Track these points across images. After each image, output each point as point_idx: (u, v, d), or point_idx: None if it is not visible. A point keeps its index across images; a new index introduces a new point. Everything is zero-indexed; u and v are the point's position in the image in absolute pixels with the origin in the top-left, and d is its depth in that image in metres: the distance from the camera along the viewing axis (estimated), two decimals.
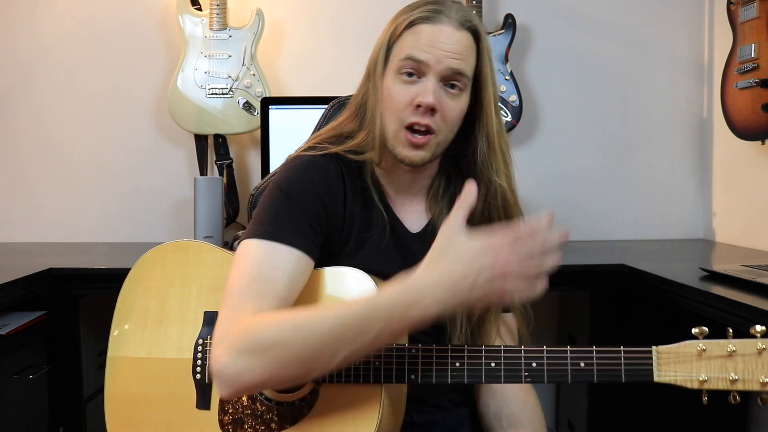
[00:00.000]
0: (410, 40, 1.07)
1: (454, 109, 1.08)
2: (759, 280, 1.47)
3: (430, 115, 1.06)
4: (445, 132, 1.09)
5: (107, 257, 2.10)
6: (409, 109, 1.06)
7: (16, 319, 1.69)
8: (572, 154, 2.43)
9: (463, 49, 1.06)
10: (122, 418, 1.13)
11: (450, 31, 1.06)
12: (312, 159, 1.12)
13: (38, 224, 2.37)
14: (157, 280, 1.16)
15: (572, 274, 1.82)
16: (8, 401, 1.65)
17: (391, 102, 1.08)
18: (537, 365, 0.95)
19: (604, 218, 2.43)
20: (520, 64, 2.39)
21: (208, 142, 2.30)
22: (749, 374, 0.86)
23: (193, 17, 2.23)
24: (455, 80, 1.07)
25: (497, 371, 0.95)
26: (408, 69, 1.06)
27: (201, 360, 1.10)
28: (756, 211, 2.15)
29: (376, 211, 1.13)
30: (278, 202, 1.08)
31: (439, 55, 1.05)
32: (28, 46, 2.36)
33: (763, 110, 1.92)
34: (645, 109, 2.44)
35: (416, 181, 1.18)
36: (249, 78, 2.22)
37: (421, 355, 0.97)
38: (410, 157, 1.08)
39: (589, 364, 0.93)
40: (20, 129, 2.37)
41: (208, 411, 1.08)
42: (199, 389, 1.09)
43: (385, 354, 0.97)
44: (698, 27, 2.42)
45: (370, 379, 0.98)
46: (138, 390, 1.12)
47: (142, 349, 1.14)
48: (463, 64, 1.06)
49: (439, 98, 1.06)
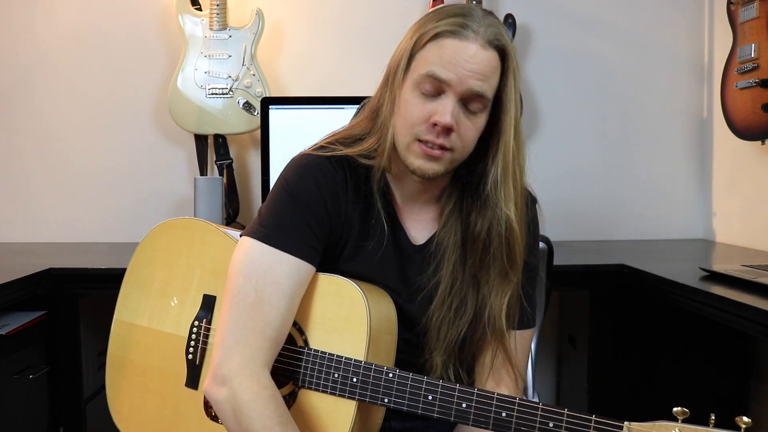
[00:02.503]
0: (434, 54, 1.03)
1: (470, 129, 1.05)
2: (759, 280, 1.47)
3: (445, 135, 1.03)
4: (460, 150, 1.05)
5: (107, 257, 2.10)
6: (425, 125, 1.03)
7: (16, 319, 1.69)
8: (572, 154, 2.43)
9: (487, 70, 1.02)
10: (120, 380, 1.19)
11: (476, 49, 1.01)
12: (319, 161, 1.11)
13: (38, 224, 2.37)
14: (164, 253, 1.20)
15: (572, 274, 1.82)
16: (8, 401, 1.65)
17: (406, 115, 1.05)
18: (506, 415, 0.95)
19: (604, 218, 2.42)
20: (520, 64, 2.37)
21: (208, 142, 2.30)
22: None
23: (193, 17, 2.23)
24: (475, 101, 1.03)
25: (467, 413, 0.97)
26: (427, 86, 1.03)
27: (194, 342, 1.13)
28: (756, 211, 2.15)
29: (377, 218, 1.12)
30: (283, 204, 1.08)
31: (461, 74, 1.01)
32: (28, 47, 2.36)
33: (763, 110, 1.92)
34: (645, 109, 2.44)
35: (426, 191, 1.15)
36: (249, 78, 2.22)
37: (397, 381, 1.00)
38: (423, 168, 1.05)
39: (558, 426, 0.93)
40: (20, 129, 2.37)
41: (195, 391, 1.12)
42: (189, 369, 1.13)
43: (363, 373, 1.00)
44: (698, 27, 2.42)
45: (345, 393, 1.00)
46: (136, 356, 1.18)
47: (144, 318, 1.19)
48: (485, 86, 1.02)
49: (457, 118, 1.02)
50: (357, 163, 1.11)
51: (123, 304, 1.22)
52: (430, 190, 1.15)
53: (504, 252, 1.07)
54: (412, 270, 1.11)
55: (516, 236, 1.08)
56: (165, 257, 1.20)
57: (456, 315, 1.09)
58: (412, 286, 1.12)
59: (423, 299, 1.11)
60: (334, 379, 1.01)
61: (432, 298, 1.10)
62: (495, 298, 1.09)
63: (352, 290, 1.04)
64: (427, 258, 1.10)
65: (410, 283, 1.12)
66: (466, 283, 1.10)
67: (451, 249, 1.11)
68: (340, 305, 1.04)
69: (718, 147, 2.36)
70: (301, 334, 1.06)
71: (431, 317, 1.09)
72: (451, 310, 1.09)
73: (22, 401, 1.72)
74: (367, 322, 1.01)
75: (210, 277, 1.16)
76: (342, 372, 1.00)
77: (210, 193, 2.12)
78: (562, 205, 2.39)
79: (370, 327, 1.01)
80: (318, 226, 1.07)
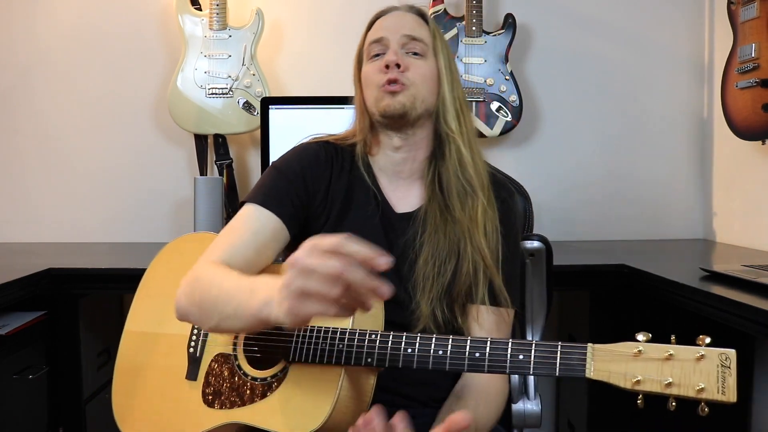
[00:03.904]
0: (371, 33, 1.27)
1: (420, 67, 1.22)
2: (759, 280, 1.47)
3: (398, 71, 1.19)
4: (418, 86, 1.20)
5: (107, 257, 2.11)
6: (381, 74, 1.21)
7: (16, 319, 1.69)
8: (572, 154, 2.43)
9: (413, 23, 1.25)
10: (124, 387, 1.22)
11: (399, 14, 1.27)
12: (308, 144, 1.29)
13: (38, 224, 2.37)
14: (176, 265, 1.24)
15: (572, 274, 1.82)
16: (8, 401, 1.65)
17: (367, 79, 1.24)
18: (479, 355, 0.99)
19: (604, 218, 2.42)
20: (520, 64, 2.39)
21: (208, 142, 2.30)
22: (685, 379, 0.84)
23: (192, 17, 2.23)
24: (414, 44, 1.22)
25: (443, 358, 1.01)
26: (374, 51, 1.24)
27: (195, 335, 1.19)
28: (756, 211, 2.15)
29: (361, 189, 1.24)
30: (270, 175, 1.25)
31: (393, 27, 1.24)
32: (28, 47, 2.36)
33: (763, 110, 1.92)
34: (645, 109, 2.44)
35: (405, 163, 1.25)
36: (249, 78, 2.22)
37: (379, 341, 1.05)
38: (390, 104, 1.19)
39: (527, 357, 0.96)
40: (20, 129, 2.37)
41: (194, 381, 1.16)
42: (190, 361, 1.18)
43: (348, 339, 1.06)
44: (698, 27, 2.42)
45: (332, 360, 1.05)
46: (141, 360, 1.22)
47: (152, 324, 1.24)
48: (417, 31, 1.23)
49: (404, 59, 1.21)
50: (342, 146, 1.28)
51: (134, 315, 1.26)
52: (409, 161, 1.25)
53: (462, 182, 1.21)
54: (396, 236, 1.22)
55: (463, 154, 1.22)
56: (175, 269, 1.22)
57: (440, 271, 1.18)
58: (397, 250, 1.19)
59: (409, 262, 1.19)
60: (322, 349, 1.06)
61: (417, 260, 1.19)
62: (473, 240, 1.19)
63: None
64: (412, 225, 1.21)
65: (395, 248, 1.20)
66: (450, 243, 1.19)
67: (433, 215, 1.21)
68: None
69: (718, 147, 2.36)
70: None
71: (417, 275, 1.18)
72: (435, 266, 1.18)
73: (21, 401, 1.72)
74: None
75: None
76: (329, 342, 1.06)
77: (210, 193, 2.12)
78: (562, 205, 2.39)
79: None
80: (296, 195, 1.21)
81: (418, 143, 1.25)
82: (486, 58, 2.28)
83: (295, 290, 0.83)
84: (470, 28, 2.27)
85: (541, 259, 1.42)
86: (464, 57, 2.27)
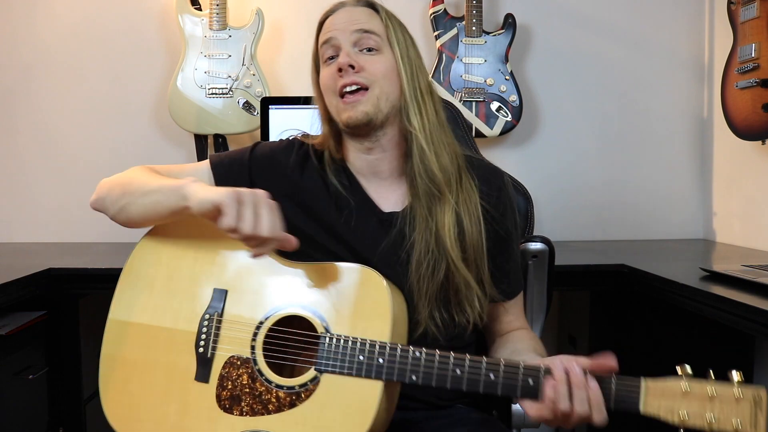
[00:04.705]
0: (321, 35, 1.22)
1: (376, 62, 1.16)
2: (759, 280, 1.47)
3: (353, 73, 1.14)
4: (380, 85, 1.15)
5: (107, 257, 2.10)
6: (336, 78, 1.16)
7: (15, 319, 1.69)
8: (572, 154, 2.43)
9: (362, 15, 1.19)
10: (116, 380, 1.17)
11: (345, 10, 1.20)
12: (287, 140, 1.30)
13: (38, 224, 2.37)
14: (168, 249, 1.20)
15: (572, 274, 1.82)
16: (8, 401, 1.65)
17: (324, 85, 1.19)
18: (533, 382, 0.99)
19: (603, 218, 2.42)
20: (520, 64, 2.39)
21: (208, 142, 2.30)
22: (724, 417, 0.94)
23: (192, 17, 2.23)
24: (367, 39, 1.17)
25: (495, 383, 1.00)
26: (327, 54, 1.19)
27: (206, 334, 1.12)
28: (756, 211, 2.15)
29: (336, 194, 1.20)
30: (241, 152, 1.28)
31: (341, 26, 1.18)
32: (28, 46, 2.36)
33: (763, 110, 1.92)
34: (645, 109, 2.44)
35: (382, 163, 1.21)
36: (249, 78, 2.22)
37: (424, 358, 1.03)
38: (353, 116, 1.14)
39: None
40: (20, 129, 2.37)
41: (206, 384, 1.10)
42: (199, 362, 1.12)
43: (389, 353, 1.03)
44: (698, 27, 2.42)
45: (372, 374, 1.02)
46: (135, 355, 1.16)
47: (144, 315, 1.17)
48: (368, 24, 1.17)
49: (356, 58, 1.16)
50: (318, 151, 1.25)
51: (118, 303, 1.20)
52: (384, 161, 1.21)
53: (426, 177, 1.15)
54: (386, 237, 1.17)
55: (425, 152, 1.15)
56: (169, 253, 1.19)
57: (433, 271, 1.14)
58: (387, 252, 1.17)
59: (401, 264, 1.16)
60: (359, 361, 1.03)
61: (408, 262, 1.15)
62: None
63: (372, 275, 1.09)
64: (399, 225, 1.17)
65: (385, 250, 1.17)
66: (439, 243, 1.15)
67: (420, 214, 1.16)
68: (360, 291, 1.08)
69: (718, 147, 2.36)
70: (322, 321, 1.08)
71: (411, 279, 1.14)
72: (429, 267, 1.14)
73: (21, 401, 1.72)
74: (391, 308, 1.05)
75: (219, 270, 1.15)
76: (367, 355, 1.03)
77: None
78: (561, 205, 2.39)
79: (393, 313, 1.06)
80: (247, 172, 1.23)
81: (390, 141, 1.20)
82: (486, 58, 2.28)
83: (236, 194, 1.00)
84: (470, 28, 2.27)
85: (543, 261, 1.42)
86: (464, 57, 2.28)
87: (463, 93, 2.27)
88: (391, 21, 1.20)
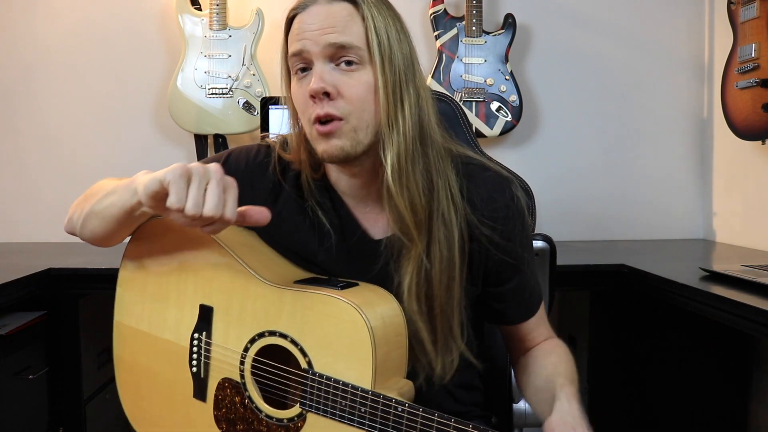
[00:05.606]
0: (290, 39, 1.00)
1: (354, 86, 0.97)
2: (759, 280, 1.47)
3: (328, 101, 0.97)
4: (354, 113, 0.98)
5: (107, 257, 2.08)
6: (309, 105, 0.98)
7: (15, 319, 1.69)
8: (572, 154, 2.43)
9: (337, 21, 0.97)
10: (131, 383, 1.17)
11: (317, 9, 0.98)
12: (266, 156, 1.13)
13: (38, 224, 2.37)
14: (157, 254, 1.15)
15: (572, 274, 1.82)
16: (8, 401, 1.65)
17: (297, 103, 1.02)
18: None
19: (604, 218, 2.42)
20: (520, 64, 2.39)
21: (208, 142, 2.30)
22: None
23: (192, 17, 2.23)
24: (345, 55, 0.97)
25: None
26: (298, 66, 0.99)
27: (196, 354, 1.10)
28: (756, 211, 2.15)
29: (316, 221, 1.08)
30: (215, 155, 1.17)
31: (312, 36, 0.97)
32: (28, 46, 2.36)
33: (763, 110, 1.92)
34: (645, 109, 2.44)
35: (370, 186, 1.07)
36: (249, 78, 2.22)
37: (406, 416, 0.93)
38: (327, 150, 0.99)
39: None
40: (21, 129, 2.37)
41: (204, 403, 1.09)
42: (195, 381, 1.10)
43: (371, 405, 0.95)
44: (698, 27, 2.42)
45: (354, 423, 0.96)
46: (143, 361, 1.15)
47: (143, 322, 1.15)
48: (343, 36, 0.96)
49: (332, 80, 0.97)
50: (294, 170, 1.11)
51: (120, 305, 1.18)
52: (374, 185, 1.05)
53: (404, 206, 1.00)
54: (375, 266, 1.06)
55: (389, 187, 0.99)
56: (157, 258, 1.15)
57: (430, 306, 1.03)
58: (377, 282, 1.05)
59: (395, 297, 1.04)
60: (341, 406, 0.96)
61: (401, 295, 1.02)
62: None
63: (354, 315, 0.96)
64: (389, 253, 1.04)
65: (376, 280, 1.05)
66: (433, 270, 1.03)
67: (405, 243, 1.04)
68: (342, 330, 0.97)
69: (718, 147, 2.36)
70: (304, 356, 1.01)
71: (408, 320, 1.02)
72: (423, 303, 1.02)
73: (21, 401, 1.72)
74: (372, 350, 0.95)
75: (204, 283, 1.11)
76: (349, 401, 0.95)
77: None
78: (561, 205, 2.39)
79: (375, 356, 0.95)
80: None
81: (377, 165, 1.03)
82: (486, 58, 2.28)
83: (183, 169, 0.92)
84: (470, 28, 2.27)
85: (544, 259, 1.42)
86: (464, 57, 2.28)
87: (463, 93, 2.27)
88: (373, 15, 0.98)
